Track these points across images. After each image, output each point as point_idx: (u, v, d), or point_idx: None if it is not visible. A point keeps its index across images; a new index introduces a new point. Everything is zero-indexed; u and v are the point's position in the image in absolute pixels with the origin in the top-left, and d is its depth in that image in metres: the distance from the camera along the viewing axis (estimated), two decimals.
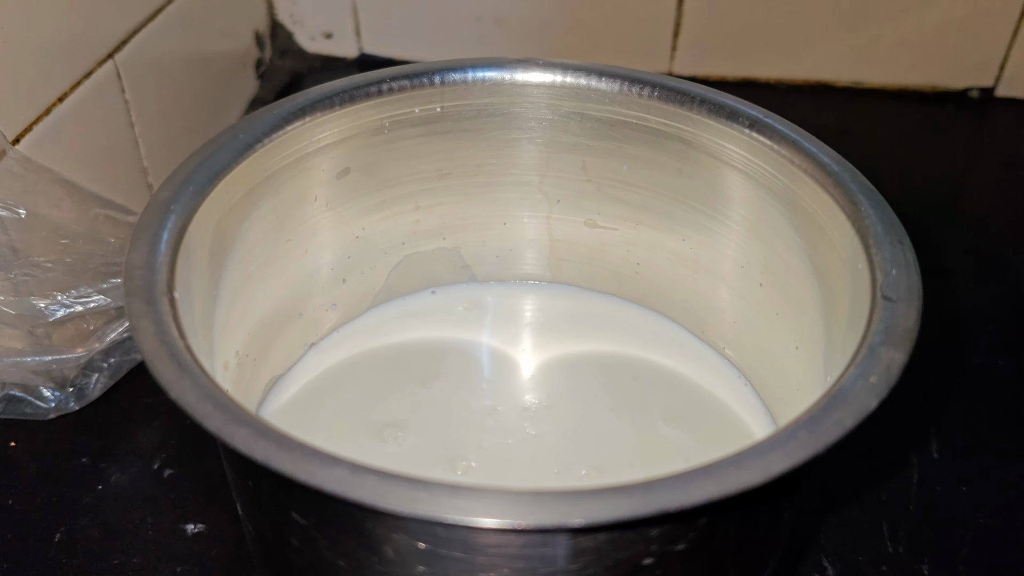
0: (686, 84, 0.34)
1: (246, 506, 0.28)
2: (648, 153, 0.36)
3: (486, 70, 0.35)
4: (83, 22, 0.45)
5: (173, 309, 0.25)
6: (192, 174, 0.29)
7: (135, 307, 0.24)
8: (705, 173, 0.35)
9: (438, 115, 0.36)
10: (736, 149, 0.33)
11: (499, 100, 0.36)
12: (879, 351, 0.24)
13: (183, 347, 0.24)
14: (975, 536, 0.39)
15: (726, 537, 0.25)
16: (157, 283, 0.25)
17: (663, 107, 0.34)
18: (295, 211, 0.35)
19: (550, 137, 0.37)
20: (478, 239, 0.41)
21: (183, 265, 0.27)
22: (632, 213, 0.38)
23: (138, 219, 0.27)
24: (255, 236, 0.33)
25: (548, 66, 0.35)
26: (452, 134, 0.37)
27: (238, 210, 0.32)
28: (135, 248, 0.26)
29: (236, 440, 0.21)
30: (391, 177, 0.37)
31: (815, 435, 0.22)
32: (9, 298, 0.40)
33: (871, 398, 0.23)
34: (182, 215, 0.28)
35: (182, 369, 0.23)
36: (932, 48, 0.65)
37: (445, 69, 0.35)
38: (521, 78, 0.35)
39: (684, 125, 0.34)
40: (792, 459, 0.21)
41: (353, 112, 0.34)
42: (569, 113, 0.36)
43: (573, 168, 0.38)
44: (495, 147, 0.37)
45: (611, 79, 0.35)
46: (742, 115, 0.33)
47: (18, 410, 0.43)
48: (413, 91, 0.35)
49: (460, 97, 0.36)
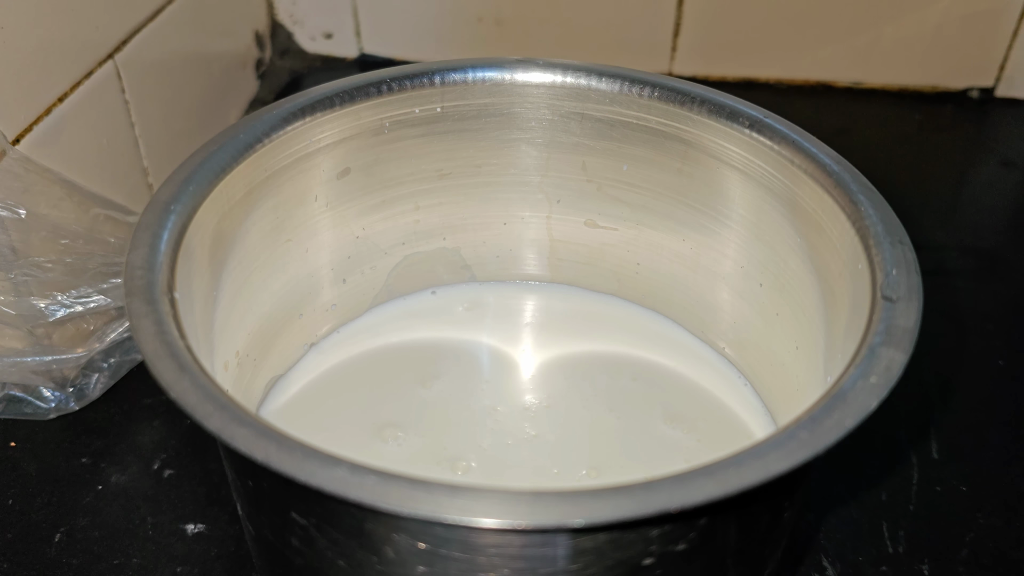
0: (686, 84, 0.34)
1: (246, 506, 0.28)
2: (648, 153, 0.36)
3: (486, 70, 0.35)
4: (83, 22, 0.45)
5: (173, 309, 0.25)
6: (192, 174, 0.29)
7: (135, 307, 0.24)
8: (705, 173, 0.35)
9: (438, 115, 0.36)
10: (736, 149, 0.33)
11: (499, 100, 0.36)
12: (879, 351, 0.24)
13: (183, 347, 0.24)
14: (975, 536, 0.39)
15: (726, 537, 0.25)
16: (157, 283, 0.25)
17: (663, 107, 0.34)
18: (295, 211, 0.35)
19: (550, 137, 0.37)
20: (478, 239, 0.41)
21: (183, 265, 0.27)
22: (632, 213, 0.38)
23: (138, 219, 0.27)
24: (255, 236, 0.33)
25: (548, 66, 0.35)
26: (452, 134, 0.37)
27: (238, 210, 0.32)
28: (135, 248, 0.26)
29: (236, 440, 0.21)
30: (391, 177, 0.37)
31: (815, 435, 0.22)
32: (9, 298, 0.40)
33: (871, 398, 0.23)
34: (182, 215, 0.28)
35: (182, 369, 0.23)
36: (932, 48, 0.65)
37: (445, 69, 0.35)
38: (521, 78, 0.35)
39: (684, 125, 0.34)
40: (792, 459, 0.21)
41: (353, 112, 0.34)
42: (569, 113, 0.36)
43: (573, 168, 0.38)
44: (495, 147, 0.37)
45: (611, 79, 0.35)
46: (742, 115, 0.33)
47: (18, 410, 0.43)
48: (413, 91, 0.35)
49: (460, 97, 0.36)
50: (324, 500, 0.21)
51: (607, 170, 0.37)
